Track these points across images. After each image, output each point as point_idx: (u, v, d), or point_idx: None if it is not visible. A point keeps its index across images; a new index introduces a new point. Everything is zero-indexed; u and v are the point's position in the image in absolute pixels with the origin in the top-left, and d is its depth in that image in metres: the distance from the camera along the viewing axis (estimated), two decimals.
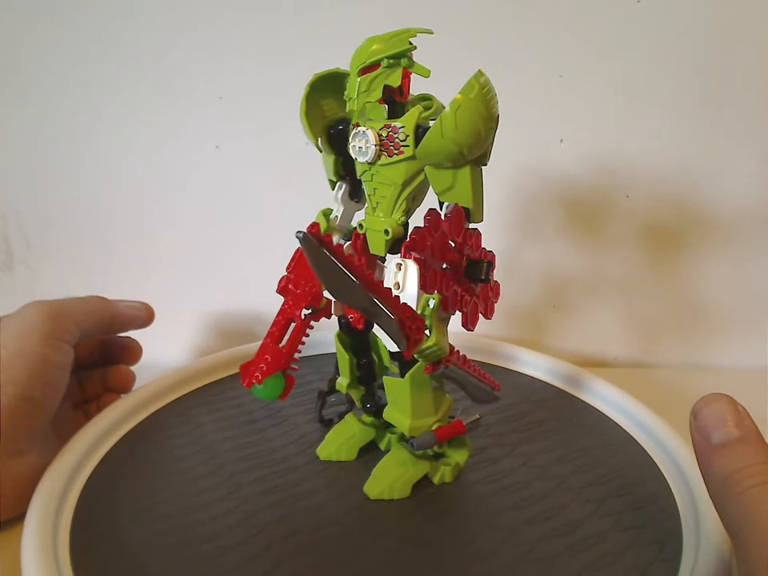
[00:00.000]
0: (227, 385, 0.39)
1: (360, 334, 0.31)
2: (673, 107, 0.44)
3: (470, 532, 0.26)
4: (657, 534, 0.26)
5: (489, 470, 0.31)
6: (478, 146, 0.23)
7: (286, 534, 0.26)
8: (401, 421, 0.29)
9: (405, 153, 0.24)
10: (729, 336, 0.49)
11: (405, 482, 0.29)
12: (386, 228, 0.26)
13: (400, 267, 0.25)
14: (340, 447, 0.32)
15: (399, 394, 0.28)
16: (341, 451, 0.32)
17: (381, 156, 0.25)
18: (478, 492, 0.29)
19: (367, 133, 0.25)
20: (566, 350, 0.49)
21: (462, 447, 0.31)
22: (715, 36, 0.42)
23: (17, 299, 0.31)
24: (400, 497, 0.29)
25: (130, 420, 0.34)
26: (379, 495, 0.29)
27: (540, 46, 0.43)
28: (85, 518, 0.27)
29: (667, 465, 0.31)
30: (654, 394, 0.37)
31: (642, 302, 0.49)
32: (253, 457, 0.31)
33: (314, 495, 0.29)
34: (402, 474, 0.29)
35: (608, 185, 0.46)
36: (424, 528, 0.27)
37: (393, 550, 0.25)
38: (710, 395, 0.22)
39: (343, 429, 0.33)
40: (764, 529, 0.18)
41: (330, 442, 0.33)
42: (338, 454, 0.32)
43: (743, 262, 0.47)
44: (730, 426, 0.21)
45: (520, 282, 0.48)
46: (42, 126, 0.46)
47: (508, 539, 0.26)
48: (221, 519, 0.27)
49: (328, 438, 0.33)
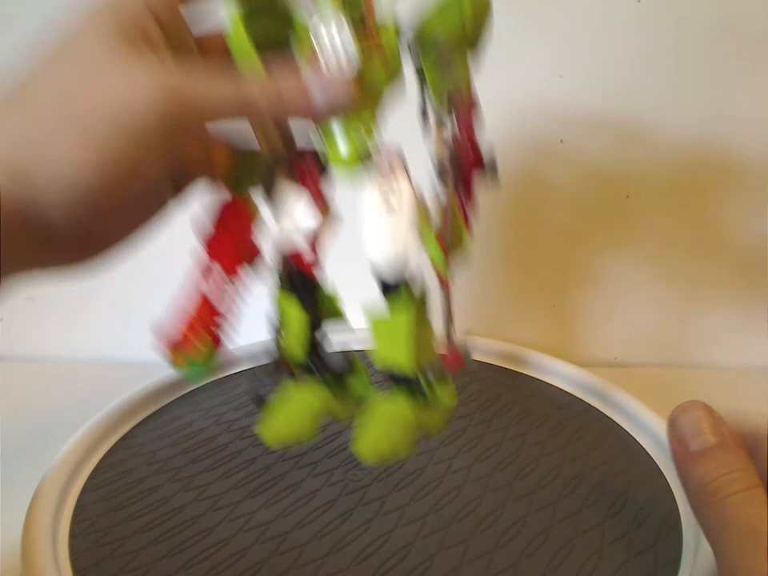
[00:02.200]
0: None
1: (309, 285, 0.27)
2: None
3: (465, 533, 0.26)
4: (656, 533, 0.27)
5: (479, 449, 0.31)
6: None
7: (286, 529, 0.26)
8: (400, 362, 0.24)
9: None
10: (729, 336, 0.49)
11: (404, 432, 0.25)
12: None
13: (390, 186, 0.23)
14: (295, 423, 0.26)
15: (394, 331, 0.24)
16: (296, 428, 0.26)
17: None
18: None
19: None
20: (567, 350, 0.49)
21: (448, 386, 0.26)
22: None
23: (17, 299, 0.31)
24: (402, 454, 0.24)
25: (130, 420, 0.34)
26: (378, 454, 0.24)
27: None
28: (85, 518, 0.26)
29: (667, 464, 0.31)
30: (654, 394, 0.37)
31: (643, 302, 0.49)
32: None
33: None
34: (400, 423, 0.25)
35: (607, 184, 0.46)
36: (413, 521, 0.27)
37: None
38: (685, 403, 0.23)
39: (294, 400, 0.27)
40: (743, 537, 0.19)
41: (278, 418, 0.26)
42: (294, 433, 0.26)
43: (744, 261, 0.47)
44: (706, 433, 0.21)
45: (520, 281, 0.49)
46: None
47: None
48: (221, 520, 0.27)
49: (274, 414, 0.27)
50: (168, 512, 0.27)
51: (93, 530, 0.26)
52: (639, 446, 0.33)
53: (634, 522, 0.27)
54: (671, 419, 0.22)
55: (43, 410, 0.41)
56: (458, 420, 0.35)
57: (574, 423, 0.34)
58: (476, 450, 0.32)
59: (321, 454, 0.31)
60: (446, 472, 0.30)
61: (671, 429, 0.22)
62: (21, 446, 0.37)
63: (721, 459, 0.21)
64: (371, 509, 0.27)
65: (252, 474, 0.30)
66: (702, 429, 0.21)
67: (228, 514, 0.27)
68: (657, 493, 0.29)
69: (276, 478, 0.30)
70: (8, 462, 0.35)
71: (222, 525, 0.26)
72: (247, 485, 0.29)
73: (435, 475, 0.30)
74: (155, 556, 0.25)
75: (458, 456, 0.31)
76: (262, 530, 0.26)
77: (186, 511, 0.27)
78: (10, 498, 0.29)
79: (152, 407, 0.36)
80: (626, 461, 0.31)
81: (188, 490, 0.29)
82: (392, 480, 0.29)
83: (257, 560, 0.25)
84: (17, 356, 0.50)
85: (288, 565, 0.24)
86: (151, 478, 0.30)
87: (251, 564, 0.24)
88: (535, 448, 0.32)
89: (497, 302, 0.49)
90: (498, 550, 0.25)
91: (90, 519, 0.27)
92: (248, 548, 0.25)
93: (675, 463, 0.22)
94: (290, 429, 0.26)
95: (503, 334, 0.47)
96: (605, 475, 0.30)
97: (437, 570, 0.24)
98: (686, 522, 0.27)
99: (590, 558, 0.25)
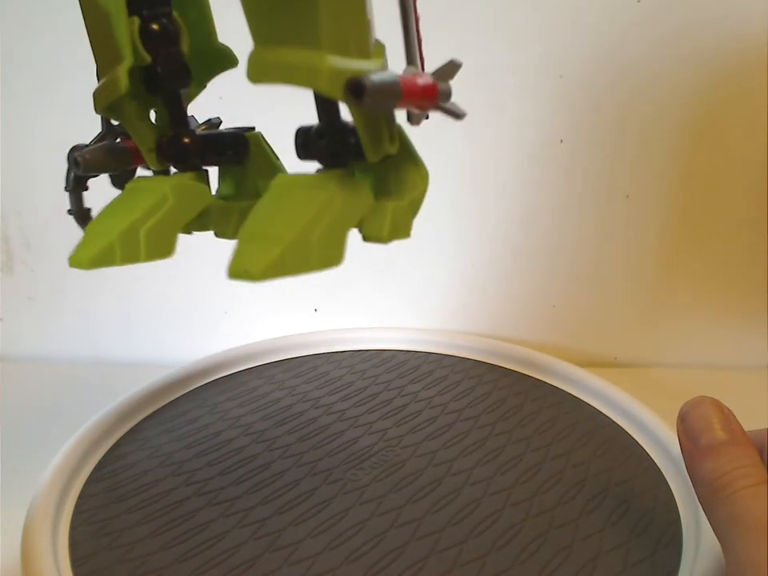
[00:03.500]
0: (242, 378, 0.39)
1: None
2: None
3: (460, 536, 0.26)
4: (655, 533, 0.26)
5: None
6: None
7: (281, 527, 0.26)
8: (309, 62, 0.15)
9: None
10: (729, 336, 0.49)
11: (330, 227, 0.14)
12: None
13: None
14: (130, 233, 0.16)
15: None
16: (132, 240, 0.16)
17: None
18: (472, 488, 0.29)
19: None
20: (567, 350, 0.49)
21: (418, 166, 0.18)
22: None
23: (17, 299, 0.31)
24: (328, 265, 0.14)
25: (130, 419, 0.34)
26: (272, 264, 0.14)
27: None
28: (85, 517, 0.27)
29: (666, 464, 0.31)
30: (654, 394, 0.37)
31: (643, 302, 0.49)
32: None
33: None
34: (323, 208, 0.14)
35: (607, 184, 0.46)
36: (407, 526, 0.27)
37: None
38: (695, 399, 0.22)
39: (134, 197, 0.18)
40: (752, 531, 0.18)
41: (103, 227, 0.17)
42: (129, 248, 0.16)
43: (744, 261, 0.47)
44: (716, 429, 0.21)
45: (520, 281, 0.48)
46: (42, 126, 0.46)
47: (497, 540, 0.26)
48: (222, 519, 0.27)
49: (99, 222, 0.18)
50: (167, 505, 0.28)
51: (93, 520, 0.26)
52: (645, 453, 0.32)
53: (633, 532, 0.26)
54: (681, 414, 0.22)
55: (43, 410, 0.42)
56: (464, 422, 0.34)
57: (580, 428, 0.34)
58: (479, 452, 0.32)
59: (322, 452, 0.32)
60: (446, 474, 0.30)
61: (681, 424, 0.22)
62: (21, 445, 0.37)
63: (730, 454, 0.20)
64: (368, 509, 0.28)
65: (252, 471, 0.30)
66: (712, 424, 0.21)
67: (225, 509, 0.27)
68: (659, 504, 0.28)
69: (276, 475, 0.30)
70: (8, 462, 0.36)
71: (218, 520, 0.27)
72: (246, 481, 0.29)
73: (435, 477, 0.30)
74: (151, 548, 0.25)
75: (459, 458, 0.31)
76: (258, 526, 0.27)
77: (184, 505, 0.28)
78: (10, 497, 0.30)
79: (159, 402, 0.36)
80: (632, 468, 0.31)
81: (189, 485, 0.29)
82: (390, 481, 0.29)
83: (250, 556, 0.25)
84: (17, 356, 0.50)
85: (280, 562, 0.25)
86: (154, 471, 0.30)
87: (244, 560, 0.25)
88: (539, 453, 0.32)
89: (497, 301, 0.49)
90: (491, 555, 0.25)
91: (90, 511, 0.27)
92: (242, 544, 0.26)
93: (684, 458, 0.22)
94: (115, 230, 0.15)
95: (503, 334, 0.47)
96: (607, 483, 0.30)
97: (428, 571, 0.24)
98: (686, 533, 0.26)
99: (585, 565, 0.25)
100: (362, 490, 0.29)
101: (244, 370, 0.41)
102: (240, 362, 0.41)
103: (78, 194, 0.25)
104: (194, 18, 0.21)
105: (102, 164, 0.22)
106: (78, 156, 0.22)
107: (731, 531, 0.19)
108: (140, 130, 0.20)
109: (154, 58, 0.19)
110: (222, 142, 0.22)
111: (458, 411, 0.36)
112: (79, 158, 0.22)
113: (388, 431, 0.34)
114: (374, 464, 0.31)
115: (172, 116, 0.21)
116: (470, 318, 0.49)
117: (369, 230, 0.17)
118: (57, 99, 0.45)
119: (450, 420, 0.35)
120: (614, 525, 0.27)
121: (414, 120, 0.20)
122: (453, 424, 0.34)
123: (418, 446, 0.32)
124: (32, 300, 0.30)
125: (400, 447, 0.32)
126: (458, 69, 0.19)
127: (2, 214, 0.48)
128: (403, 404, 0.36)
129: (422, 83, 0.17)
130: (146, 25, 0.19)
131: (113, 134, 0.23)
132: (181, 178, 0.20)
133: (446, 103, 0.18)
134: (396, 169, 0.19)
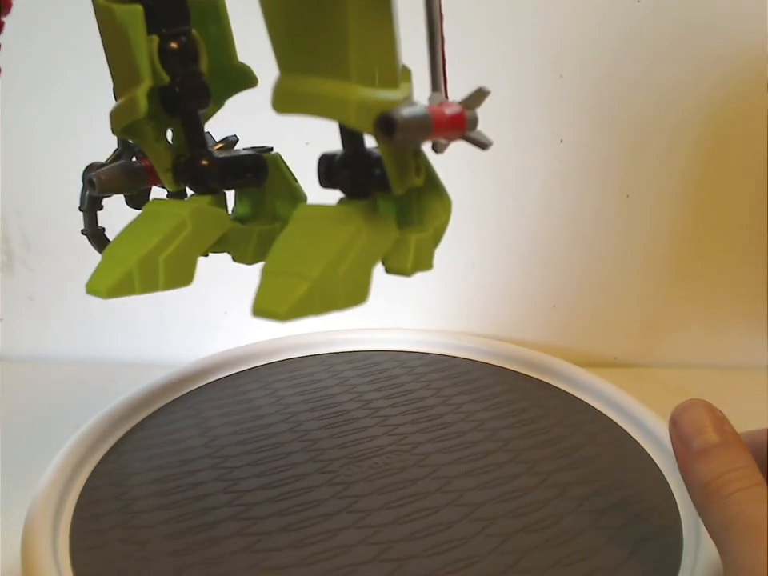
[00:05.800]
0: (233, 382, 0.39)
1: None
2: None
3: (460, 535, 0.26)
4: (655, 533, 0.26)
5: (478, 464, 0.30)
6: None
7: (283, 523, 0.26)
8: (337, 94, 0.15)
9: None
10: (728, 336, 0.49)
11: (356, 263, 0.14)
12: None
13: None
14: (143, 249, 0.16)
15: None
16: (144, 258, 0.16)
17: None
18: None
19: None
20: (567, 350, 0.49)
21: (441, 195, 0.18)
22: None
23: (17, 299, 0.31)
24: (353, 303, 0.14)
25: (130, 419, 0.34)
26: (297, 303, 0.14)
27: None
28: (85, 517, 0.27)
29: (667, 464, 0.31)
30: (654, 394, 0.37)
31: (643, 302, 0.49)
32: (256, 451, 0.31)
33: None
34: (348, 244, 0.14)
35: (607, 184, 0.46)
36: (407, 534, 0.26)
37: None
38: (687, 401, 0.22)
39: (152, 221, 0.17)
40: (746, 534, 0.18)
41: (121, 252, 0.17)
42: (148, 277, 0.16)
43: (744, 261, 0.47)
44: (708, 431, 0.21)
45: (520, 281, 0.48)
46: (42, 126, 0.46)
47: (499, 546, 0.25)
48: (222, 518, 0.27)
49: (116, 246, 0.17)
50: (167, 505, 0.28)
51: (93, 521, 0.26)
52: (645, 453, 0.32)
53: (632, 532, 0.26)
54: (673, 418, 0.22)
55: (43, 410, 0.41)
56: (476, 432, 0.33)
57: (580, 428, 0.34)
58: (485, 476, 0.30)
59: (335, 443, 0.32)
60: (437, 490, 0.28)
61: (673, 427, 0.22)
62: (21, 446, 0.37)
63: (723, 457, 0.20)
64: (339, 504, 0.27)
65: (252, 469, 0.30)
66: (704, 427, 0.21)
67: (225, 509, 0.27)
68: (659, 504, 0.28)
69: (276, 472, 0.30)
70: (8, 462, 0.35)
71: (223, 523, 0.27)
72: (246, 479, 0.29)
73: (424, 490, 0.28)
74: (152, 548, 0.25)
75: (461, 477, 0.29)
76: (251, 523, 0.27)
77: (184, 506, 0.28)
78: (10, 498, 0.30)
79: (159, 402, 0.36)
80: (632, 469, 0.31)
81: (189, 485, 0.29)
82: (379, 483, 0.29)
83: (230, 550, 0.25)
84: (17, 356, 0.50)
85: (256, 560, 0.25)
86: (154, 471, 0.30)
87: (224, 553, 0.25)
88: (540, 460, 0.31)
89: (497, 301, 0.49)
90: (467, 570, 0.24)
91: (90, 511, 0.27)
92: (227, 538, 0.26)
93: (678, 462, 0.22)
94: (133, 258, 0.15)
95: (503, 334, 0.47)
96: (607, 483, 0.29)
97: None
98: (686, 534, 0.26)
99: (582, 563, 0.24)
100: (346, 486, 0.29)
101: (243, 371, 0.41)
102: (261, 357, 0.42)
103: (93, 215, 0.25)
104: (213, 35, 0.21)
105: (118, 185, 0.22)
106: (94, 176, 0.22)
107: (727, 535, 0.19)
108: (156, 150, 0.20)
109: (173, 77, 0.19)
110: (242, 165, 0.21)
111: (492, 430, 0.33)
112: (95, 178, 0.22)
113: (408, 436, 0.33)
114: (374, 464, 0.30)
115: (189, 137, 0.20)
116: (471, 319, 0.49)
117: (392, 262, 0.17)
118: (57, 99, 0.45)
119: (478, 437, 0.33)
120: (613, 524, 0.27)
121: (438, 149, 0.20)
122: (478, 443, 0.32)
123: (427, 456, 0.31)
124: (32, 300, 0.30)
125: (410, 454, 0.31)
126: (486, 96, 0.18)
127: (2, 214, 0.48)
128: (440, 413, 0.35)
129: (450, 113, 0.17)
130: (165, 44, 0.18)
131: (129, 151, 0.23)
132: (199, 203, 0.19)
133: (473, 132, 0.18)
134: (419, 198, 0.19)
